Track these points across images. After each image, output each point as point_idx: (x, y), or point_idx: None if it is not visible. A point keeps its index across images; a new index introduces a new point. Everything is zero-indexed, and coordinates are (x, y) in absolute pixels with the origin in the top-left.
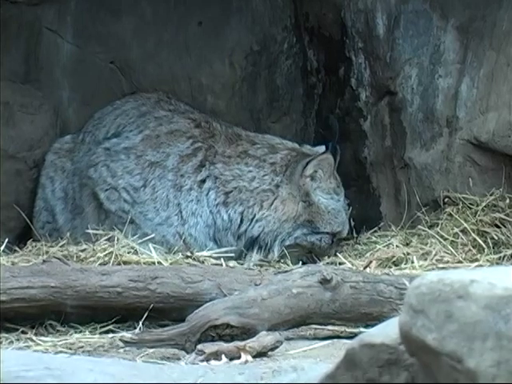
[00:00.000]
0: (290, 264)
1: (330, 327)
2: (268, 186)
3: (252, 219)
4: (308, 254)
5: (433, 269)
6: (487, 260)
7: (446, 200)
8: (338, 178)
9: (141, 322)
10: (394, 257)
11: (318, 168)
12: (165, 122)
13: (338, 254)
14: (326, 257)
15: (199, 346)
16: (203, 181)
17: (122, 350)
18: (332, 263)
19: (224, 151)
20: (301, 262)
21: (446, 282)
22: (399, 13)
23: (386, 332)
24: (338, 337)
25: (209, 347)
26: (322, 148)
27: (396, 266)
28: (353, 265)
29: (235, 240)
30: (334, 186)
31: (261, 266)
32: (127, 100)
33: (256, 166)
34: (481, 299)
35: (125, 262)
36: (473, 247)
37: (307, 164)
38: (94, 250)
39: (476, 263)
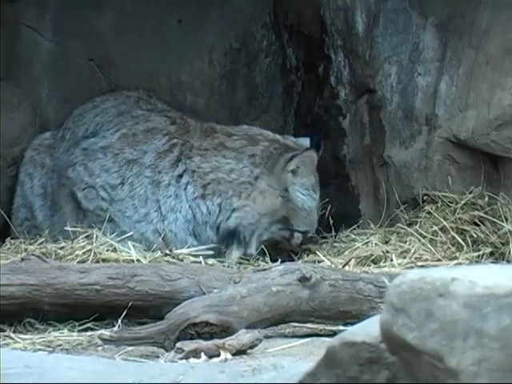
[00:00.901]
0: (269, 262)
1: (309, 325)
2: (247, 178)
3: (230, 210)
4: (280, 249)
5: (412, 267)
6: (466, 258)
7: (425, 198)
8: (316, 177)
9: (120, 320)
10: (372, 255)
11: (301, 164)
12: (141, 121)
13: (317, 252)
14: (305, 256)
15: (178, 344)
16: (180, 175)
17: (100, 348)
18: (311, 261)
19: (200, 144)
20: (280, 261)
21: (427, 281)
22: (378, 11)
23: (367, 330)
24: (317, 335)
25: (188, 345)
26: (306, 140)
27: (375, 264)
28: (332, 263)
29: (214, 233)
30: (313, 183)
31: (240, 263)
32: (107, 98)
33: (234, 158)
34: (461, 298)
35: (104, 260)
36: (452, 245)
37: (291, 159)
38: (72, 247)
39: (455, 261)
